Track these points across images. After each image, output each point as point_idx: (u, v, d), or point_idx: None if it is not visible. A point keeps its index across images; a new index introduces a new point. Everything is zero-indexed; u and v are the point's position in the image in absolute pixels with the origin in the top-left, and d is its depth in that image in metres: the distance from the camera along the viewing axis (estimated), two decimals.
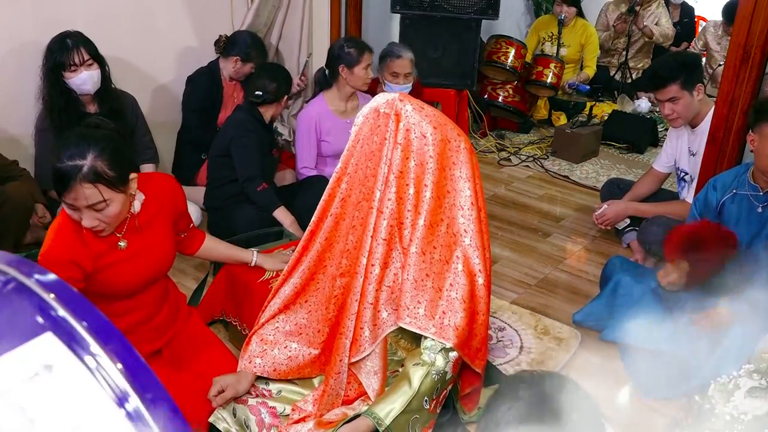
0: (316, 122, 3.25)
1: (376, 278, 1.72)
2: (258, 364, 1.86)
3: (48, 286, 0.67)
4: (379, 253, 1.71)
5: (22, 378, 0.60)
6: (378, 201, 1.70)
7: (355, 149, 1.77)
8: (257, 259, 2.39)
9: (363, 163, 1.75)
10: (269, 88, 2.99)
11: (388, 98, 1.73)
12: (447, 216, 1.71)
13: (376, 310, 1.74)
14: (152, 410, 0.61)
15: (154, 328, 2.02)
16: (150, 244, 1.91)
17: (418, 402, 1.65)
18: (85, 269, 1.78)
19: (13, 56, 2.85)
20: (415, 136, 1.68)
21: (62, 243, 1.76)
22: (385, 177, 1.69)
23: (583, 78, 5.23)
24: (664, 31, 5.50)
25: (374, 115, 1.73)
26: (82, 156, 1.66)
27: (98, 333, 0.63)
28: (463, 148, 1.72)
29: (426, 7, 3.94)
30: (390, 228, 1.70)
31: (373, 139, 1.73)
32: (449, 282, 1.70)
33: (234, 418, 1.81)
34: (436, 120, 1.70)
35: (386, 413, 1.62)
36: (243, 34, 3.43)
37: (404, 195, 1.69)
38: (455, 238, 1.71)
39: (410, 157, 1.68)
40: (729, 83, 2.59)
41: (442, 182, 1.70)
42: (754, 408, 1.82)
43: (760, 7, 2.43)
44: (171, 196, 2.00)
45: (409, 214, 1.69)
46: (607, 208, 3.25)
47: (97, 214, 1.71)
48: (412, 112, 1.69)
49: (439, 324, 1.67)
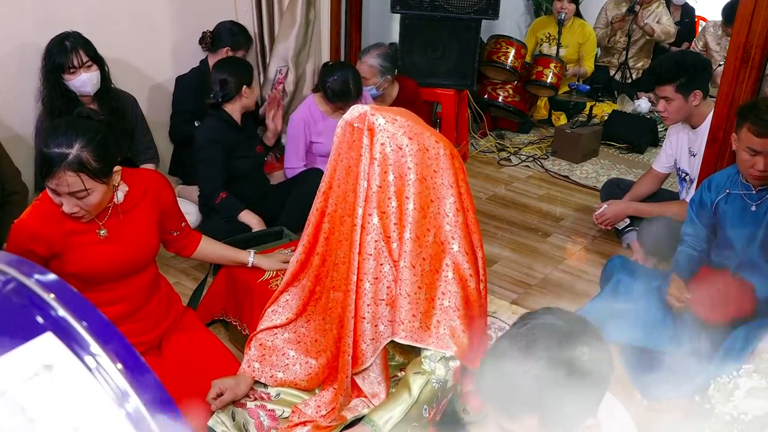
0: (306, 124, 3.27)
1: (369, 294, 1.71)
2: (257, 368, 1.86)
3: (48, 286, 0.67)
4: (367, 269, 1.69)
5: (22, 378, 0.60)
6: (360, 217, 1.67)
7: (338, 163, 1.75)
8: (254, 259, 2.39)
9: (343, 178, 1.73)
10: (223, 85, 2.87)
11: (360, 111, 1.68)
12: (433, 225, 1.69)
13: (375, 325, 1.74)
14: (152, 410, 0.61)
15: (141, 320, 2.03)
16: (129, 232, 1.95)
17: (417, 410, 1.64)
18: (52, 247, 1.84)
19: (13, 57, 2.85)
20: (390, 149, 1.64)
21: (36, 216, 1.84)
22: (365, 192, 1.67)
23: (582, 72, 5.24)
24: (665, 28, 5.49)
25: (349, 129, 1.70)
26: (69, 144, 1.72)
27: (98, 333, 0.63)
28: (443, 155, 1.69)
29: (426, 7, 3.93)
30: (376, 243, 1.68)
31: (351, 155, 1.71)
32: (441, 291, 1.68)
33: (233, 422, 1.81)
34: (411, 130, 1.66)
35: (385, 421, 1.62)
36: (225, 24, 3.38)
37: (387, 209, 1.67)
38: (443, 246, 1.69)
39: (389, 171, 1.65)
40: (729, 83, 2.59)
41: (424, 192, 1.67)
42: (754, 408, 1.82)
43: (760, 7, 2.43)
44: (156, 190, 2.03)
45: (395, 227, 1.67)
46: (607, 208, 3.25)
47: (77, 201, 1.78)
48: (385, 125, 1.65)
49: (435, 334, 1.66)
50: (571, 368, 1.07)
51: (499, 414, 1.11)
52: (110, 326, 0.65)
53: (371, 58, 3.45)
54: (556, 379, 1.06)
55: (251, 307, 2.31)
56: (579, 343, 1.09)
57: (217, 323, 2.60)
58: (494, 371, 1.11)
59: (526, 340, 1.09)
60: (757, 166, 2.24)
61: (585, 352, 1.08)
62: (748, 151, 2.26)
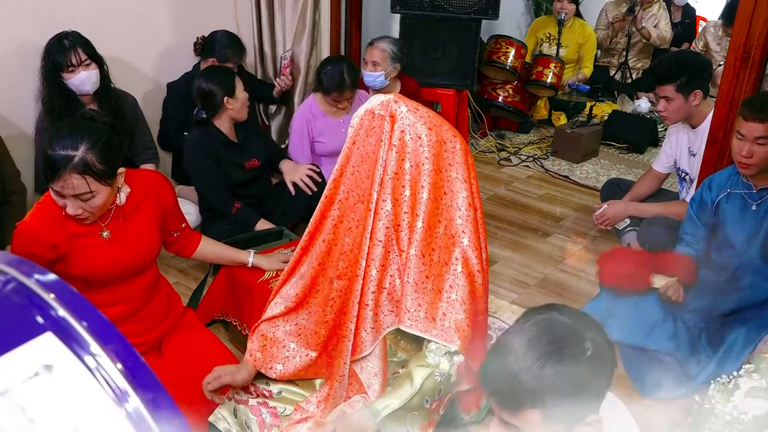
0: (307, 124, 3.26)
1: (374, 281, 1.72)
2: (258, 358, 1.86)
3: (48, 286, 0.67)
4: (375, 255, 1.71)
5: (22, 378, 0.60)
6: (374, 203, 1.69)
7: (352, 152, 1.76)
8: (254, 259, 2.39)
9: (359, 165, 1.75)
10: (204, 100, 2.74)
11: (383, 100, 1.72)
12: (444, 217, 1.71)
13: (376, 314, 1.74)
14: (152, 410, 0.61)
15: (141, 321, 2.03)
16: (132, 234, 1.94)
17: (418, 400, 1.65)
18: (57, 250, 1.83)
19: (13, 56, 2.84)
20: (410, 137, 1.67)
21: (38, 220, 1.83)
22: (381, 179, 1.69)
23: (581, 78, 5.23)
24: (661, 33, 5.52)
25: (369, 116, 1.72)
26: (74, 147, 1.71)
27: (98, 333, 0.63)
28: (459, 150, 1.72)
29: (426, 7, 3.93)
30: (386, 230, 1.70)
31: (369, 141, 1.73)
32: (449, 284, 1.69)
33: (235, 419, 1.81)
34: (431, 121, 1.70)
35: (384, 406, 1.62)
36: (219, 33, 3.30)
37: (400, 197, 1.69)
38: (453, 239, 1.71)
39: (405, 159, 1.67)
40: (729, 83, 2.60)
41: (438, 183, 1.69)
42: (754, 408, 1.82)
43: (760, 7, 2.43)
44: (157, 190, 2.03)
45: (406, 216, 1.69)
46: (607, 208, 3.25)
47: (82, 204, 1.77)
48: (407, 113, 1.68)
49: (440, 326, 1.67)
50: (574, 364, 1.07)
51: (501, 409, 1.12)
52: (110, 326, 0.65)
53: (383, 43, 3.43)
54: (557, 374, 1.06)
55: (251, 307, 2.31)
56: (582, 339, 1.09)
57: (217, 323, 2.60)
58: (497, 365, 1.12)
59: (528, 335, 1.10)
60: (742, 152, 2.27)
61: (588, 347, 1.09)
62: (737, 134, 2.30)
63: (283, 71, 3.58)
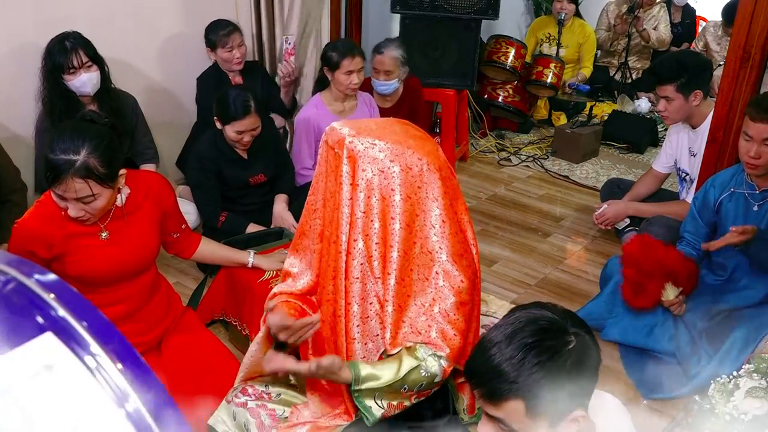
0: (314, 123, 3.22)
1: (357, 315, 1.71)
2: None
3: (48, 286, 0.67)
4: (354, 292, 1.70)
5: (22, 378, 0.60)
6: (345, 243, 1.67)
7: (318, 186, 1.74)
8: (254, 259, 2.39)
9: (328, 200, 1.72)
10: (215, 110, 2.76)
11: (339, 137, 1.66)
12: (419, 237, 1.68)
13: (364, 344, 1.75)
14: (152, 410, 0.61)
15: (140, 321, 2.04)
16: (131, 235, 1.95)
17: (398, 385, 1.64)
18: (53, 248, 1.84)
19: (13, 57, 2.85)
20: (373, 174, 1.63)
21: (37, 218, 1.84)
22: (349, 219, 1.65)
23: (580, 78, 5.23)
24: (660, 36, 5.53)
25: (330, 153, 1.69)
26: (75, 151, 1.70)
27: (98, 333, 0.63)
28: (426, 170, 1.66)
29: (426, 7, 3.93)
30: (361, 266, 1.68)
31: (331, 179, 1.70)
32: (431, 297, 1.69)
33: (234, 421, 1.81)
34: (391, 152, 1.64)
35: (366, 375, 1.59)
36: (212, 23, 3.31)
37: (370, 231, 1.66)
38: (431, 255, 1.69)
39: (372, 195, 1.64)
40: (729, 83, 2.60)
41: (409, 210, 1.66)
42: (754, 408, 1.82)
43: (760, 7, 2.43)
44: (157, 192, 2.03)
45: (377, 246, 1.66)
46: (607, 208, 3.25)
47: (83, 206, 1.77)
48: (365, 150, 1.63)
49: (426, 338, 1.67)
50: (555, 355, 1.09)
51: (486, 402, 1.14)
52: (110, 326, 0.65)
53: (392, 50, 3.41)
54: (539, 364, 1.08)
55: (251, 307, 2.31)
56: (564, 332, 1.12)
57: (217, 323, 2.60)
58: (480, 358, 1.14)
59: (512, 328, 1.12)
60: (750, 153, 2.27)
61: (570, 340, 1.11)
62: (744, 135, 2.30)
63: (286, 57, 3.52)
